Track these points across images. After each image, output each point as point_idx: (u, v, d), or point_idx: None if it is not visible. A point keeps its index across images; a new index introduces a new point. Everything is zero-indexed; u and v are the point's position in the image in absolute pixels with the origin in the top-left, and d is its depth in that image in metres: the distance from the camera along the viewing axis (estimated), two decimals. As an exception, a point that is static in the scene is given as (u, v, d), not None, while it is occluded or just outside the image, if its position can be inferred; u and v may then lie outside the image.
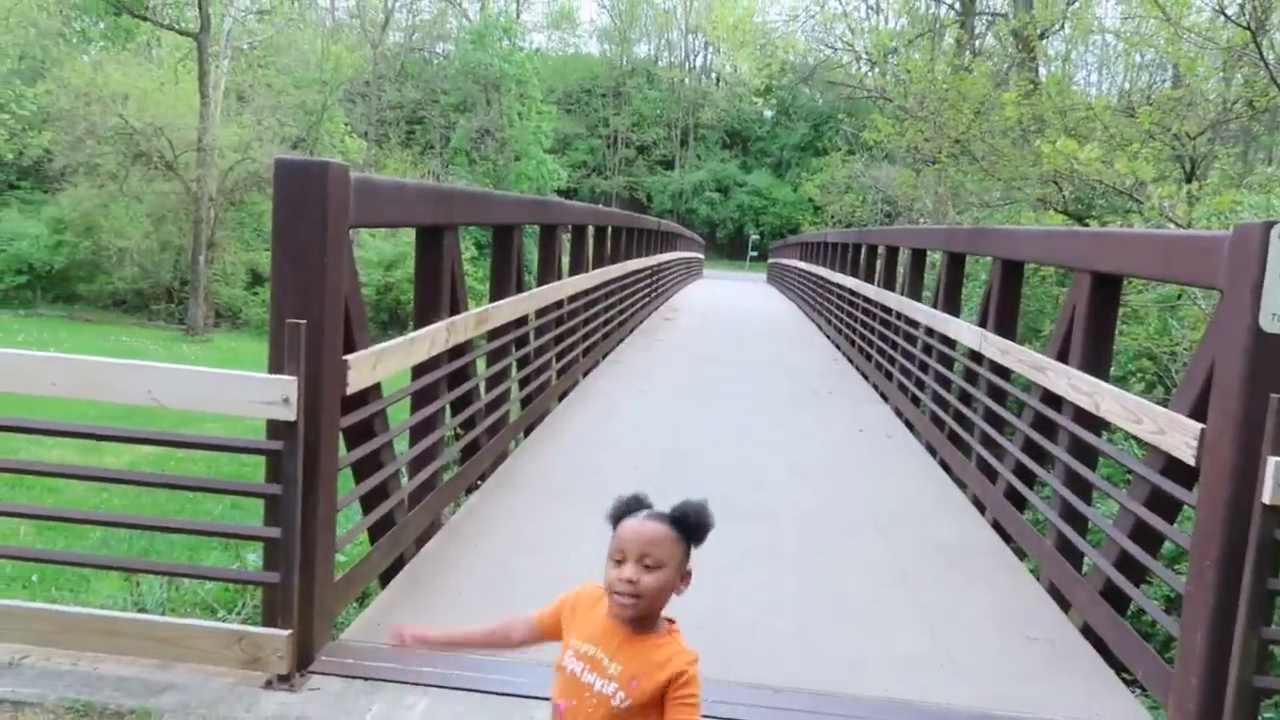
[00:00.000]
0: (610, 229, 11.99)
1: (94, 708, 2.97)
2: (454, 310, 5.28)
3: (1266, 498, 2.99)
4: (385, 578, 4.32)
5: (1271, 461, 2.99)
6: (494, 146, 40.68)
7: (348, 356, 3.60)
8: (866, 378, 10.99)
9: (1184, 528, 3.85)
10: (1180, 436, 3.51)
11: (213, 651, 3.26)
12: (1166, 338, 7.86)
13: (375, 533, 4.23)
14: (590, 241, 10.64)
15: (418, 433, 4.86)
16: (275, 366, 3.30)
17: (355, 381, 3.66)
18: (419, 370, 4.87)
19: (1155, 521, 3.78)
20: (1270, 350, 3.13)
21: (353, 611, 4.24)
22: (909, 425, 8.45)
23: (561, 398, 8.61)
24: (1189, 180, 8.84)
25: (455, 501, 5.45)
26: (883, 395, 9.86)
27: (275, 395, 3.22)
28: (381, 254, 27.71)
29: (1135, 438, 4.35)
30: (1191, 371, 3.78)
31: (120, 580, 5.13)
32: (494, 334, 6.33)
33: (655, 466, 6.54)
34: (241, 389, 3.30)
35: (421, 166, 40.69)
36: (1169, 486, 3.68)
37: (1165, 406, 3.89)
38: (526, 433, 7.26)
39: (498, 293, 6.59)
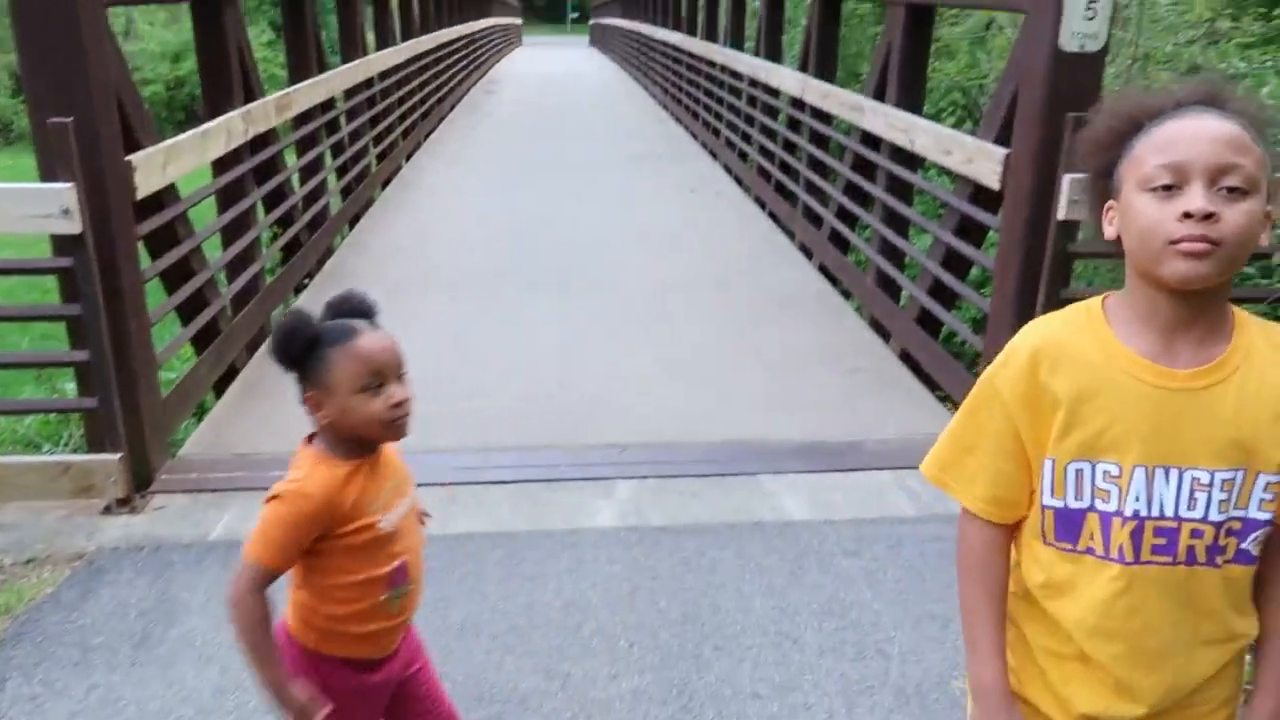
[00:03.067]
0: (415, -4, 11.08)
1: (-82, 557, 2.81)
2: (249, 97, 4.84)
3: (1061, 214, 3.20)
4: (219, 388, 4.17)
5: (1066, 179, 3.17)
6: (274, -91, 36.22)
7: (131, 157, 3.26)
8: (695, 137, 10.94)
9: (989, 254, 4.11)
10: (986, 163, 3.66)
11: (39, 485, 3.11)
12: (975, 70, 8.07)
13: (200, 344, 4.04)
14: (395, 11, 9.84)
15: (230, 234, 4.56)
16: (47, 175, 2.97)
17: (144, 184, 3.34)
18: (220, 167, 4.50)
19: (964, 248, 4.02)
20: (1070, 69, 3.24)
21: (192, 427, 4.11)
22: (739, 181, 8.54)
23: (385, 184, 8.23)
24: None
25: (284, 303, 5.23)
26: (712, 153, 9.87)
27: (52, 207, 2.91)
28: (165, 44, 24.87)
29: (947, 171, 4.52)
30: (996, 99, 3.91)
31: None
32: (300, 120, 5.88)
33: (494, 247, 6.42)
34: (11, 203, 2.96)
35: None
36: (976, 213, 3.88)
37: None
38: (351, 224, 6.94)
39: (298, 74, 6.07)
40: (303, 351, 1.47)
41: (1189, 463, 1.12)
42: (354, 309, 1.54)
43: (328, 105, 6.44)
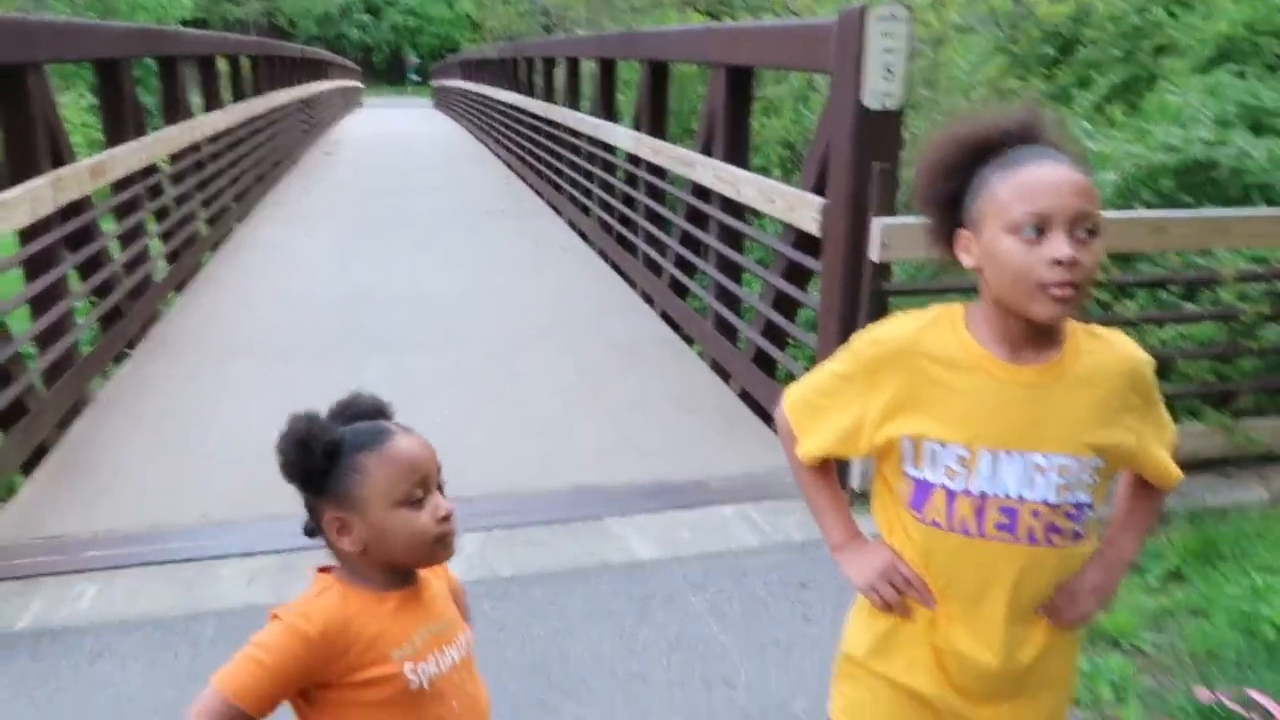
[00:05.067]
0: (246, 59, 10.85)
1: None
2: (59, 163, 4.61)
3: (874, 256, 3.41)
4: (28, 467, 3.89)
5: (876, 224, 3.38)
6: (92, -29, 34.71)
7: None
8: (539, 194, 11.06)
9: (815, 295, 4.31)
10: (806, 211, 3.87)
11: None
12: (799, 125, 8.52)
13: (5, 422, 3.77)
14: (224, 75, 9.60)
15: (39, 305, 4.29)
16: None
17: (-64, 254, 3.13)
18: (27, 236, 4.26)
19: (792, 290, 4.22)
20: (873, 125, 3.47)
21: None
22: (582, 235, 8.67)
23: (216, 248, 7.94)
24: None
25: (103, 374, 4.95)
26: (555, 209, 10.00)
27: None
28: (-32, 109, 23.28)
29: (774, 219, 4.75)
30: (812, 151, 4.14)
31: None
32: (119, 186, 5.63)
33: (330, 310, 6.27)
34: None
35: (7, 2, 33.99)
36: (800, 257, 4.09)
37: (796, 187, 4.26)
38: (179, 290, 6.66)
39: (115, 139, 5.82)
40: (324, 463, 1.23)
41: (1029, 447, 1.26)
42: (365, 411, 1.31)
43: (150, 170, 6.19)
